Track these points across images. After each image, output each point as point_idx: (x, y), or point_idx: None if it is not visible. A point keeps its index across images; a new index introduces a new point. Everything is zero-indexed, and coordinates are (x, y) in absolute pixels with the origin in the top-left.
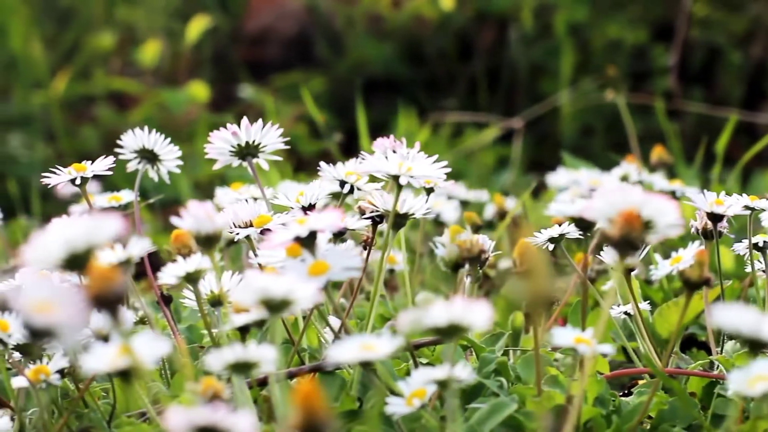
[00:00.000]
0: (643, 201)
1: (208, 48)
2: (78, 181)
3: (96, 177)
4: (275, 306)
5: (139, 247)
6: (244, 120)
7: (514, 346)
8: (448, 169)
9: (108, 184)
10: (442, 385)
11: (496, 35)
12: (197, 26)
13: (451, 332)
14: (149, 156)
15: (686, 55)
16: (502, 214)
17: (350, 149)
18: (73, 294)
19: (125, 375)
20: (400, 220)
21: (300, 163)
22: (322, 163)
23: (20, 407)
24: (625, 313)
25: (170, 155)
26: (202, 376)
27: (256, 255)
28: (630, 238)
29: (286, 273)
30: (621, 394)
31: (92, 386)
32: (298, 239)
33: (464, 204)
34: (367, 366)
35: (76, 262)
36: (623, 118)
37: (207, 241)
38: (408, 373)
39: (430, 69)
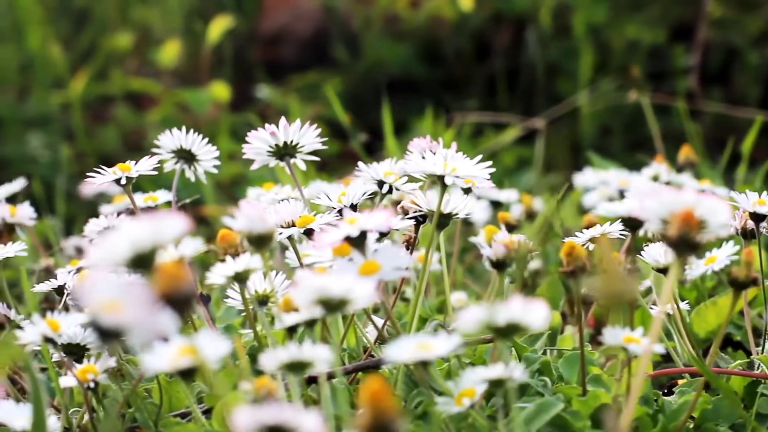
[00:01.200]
0: (696, 201)
1: (228, 48)
2: (123, 181)
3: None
4: (333, 305)
5: (192, 246)
6: (282, 120)
7: (550, 346)
8: (492, 170)
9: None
10: (495, 384)
11: (513, 36)
12: (218, 27)
13: (509, 332)
14: (187, 156)
15: (704, 55)
16: (530, 214)
17: (369, 149)
18: (141, 293)
19: (187, 374)
20: (444, 220)
21: (321, 163)
22: (360, 163)
23: (67, 406)
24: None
25: (208, 155)
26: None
27: (297, 255)
28: (688, 238)
29: (336, 272)
30: (662, 393)
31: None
32: (348, 239)
33: (493, 204)
34: (424, 366)
35: (142, 261)
36: (647, 118)
37: (259, 241)
38: (449, 373)
39: (447, 69)
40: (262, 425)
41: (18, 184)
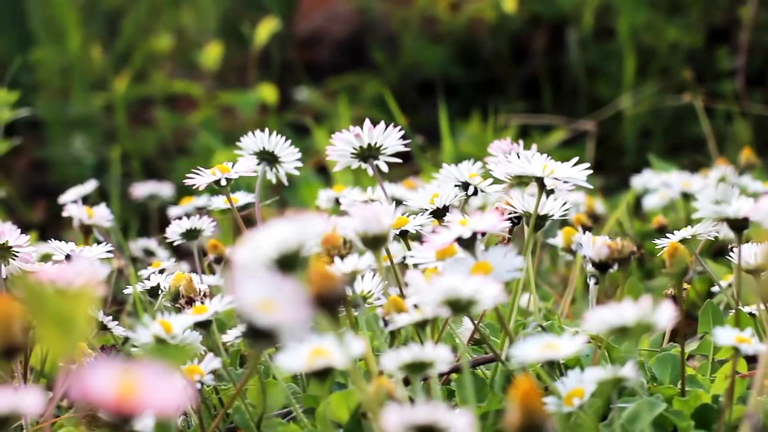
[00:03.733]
0: None
1: (275, 50)
2: (223, 182)
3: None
4: (461, 306)
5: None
6: (367, 122)
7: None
8: (590, 171)
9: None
10: (607, 384)
11: (551, 38)
12: (265, 29)
13: (636, 332)
14: (269, 158)
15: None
16: (592, 216)
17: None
18: (295, 293)
19: (322, 375)
20: (540, 221)
21: None
22: (444, 165)
23: None
24: (750, 313)
25: (290, 157)
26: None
27: (389, 256)
28: None
29: (456, 274)
30: None
31: (227, 387)
32: (459, 240)
33: None
34: (551, 366)
35: (287, 261)
36: (700, 121)
37: (374, 242)
38: (538, 374)
39: (484, 71)
40: (413, 425)
41: (89, 186)
